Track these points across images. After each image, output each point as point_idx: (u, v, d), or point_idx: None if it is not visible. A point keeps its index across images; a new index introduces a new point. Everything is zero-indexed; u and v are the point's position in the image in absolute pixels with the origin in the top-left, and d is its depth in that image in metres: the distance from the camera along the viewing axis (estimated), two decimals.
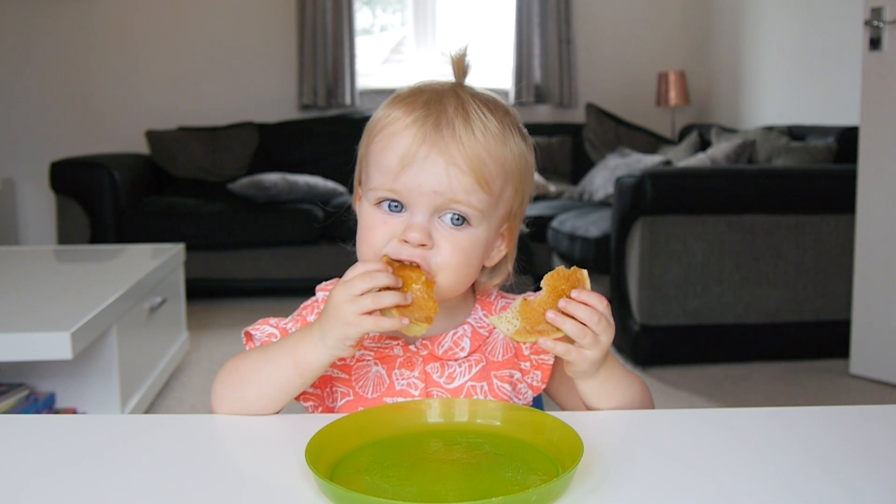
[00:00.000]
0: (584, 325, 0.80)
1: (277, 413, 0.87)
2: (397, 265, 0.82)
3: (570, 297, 0.80)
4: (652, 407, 0.91)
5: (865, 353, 2.90)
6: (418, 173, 0.82)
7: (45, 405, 2.09)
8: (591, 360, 0.82)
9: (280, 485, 0.69)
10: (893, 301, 2.81)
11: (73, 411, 2.13)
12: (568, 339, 0.81)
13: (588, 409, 0.91)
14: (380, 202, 0.85)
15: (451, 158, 0.82)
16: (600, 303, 0.81)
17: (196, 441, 0.81)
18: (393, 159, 0.83)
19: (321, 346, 0.82)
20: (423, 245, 0.83)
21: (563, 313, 0.80)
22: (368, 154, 0.88)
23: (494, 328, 0.93)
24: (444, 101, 0.85)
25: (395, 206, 0.85)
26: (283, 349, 0.85)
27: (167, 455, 0.77)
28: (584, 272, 0.82)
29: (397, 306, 0.79)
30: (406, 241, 0.83)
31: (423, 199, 0.83)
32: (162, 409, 2.58)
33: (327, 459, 0.71)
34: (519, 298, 0.82)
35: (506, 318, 0.81)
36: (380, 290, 0.80)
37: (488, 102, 0.87)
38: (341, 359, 0.91)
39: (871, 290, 2.87)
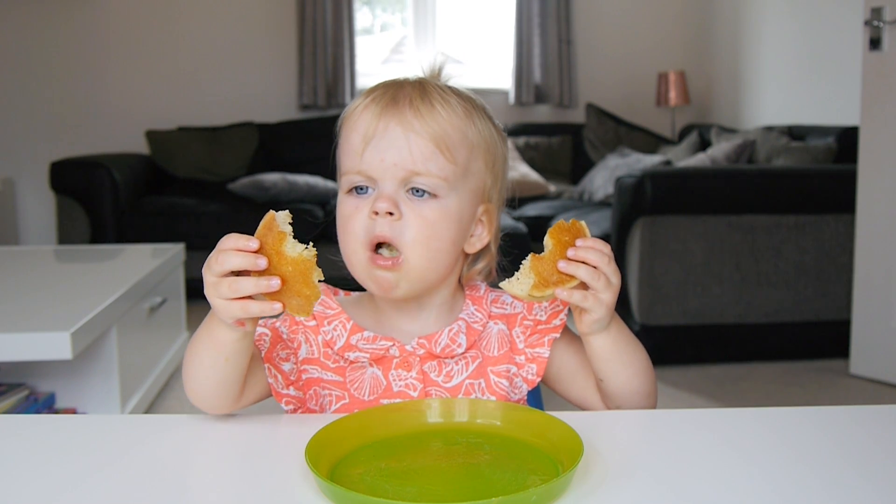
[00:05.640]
0: (596, 267, 0.82)
1: (236, 406, 0.86)
2: (271, 248, 0.75)
3: (576, 246, 0.82)
4: (654, 378, 0.92)
5: (865, 353, 2.90)
6: (378, 146, 0.85)
7: (45, 405, 2.09)
8: (606, 303, 0.83)
9: (280, 485, 0.69)
10: (893, 301, 2.81)
11: (73, 411, 2.13)
12: (580, 289, 0.83)
13: (602, 381, 0.90)
14: (351, 189, 0.87)
15: (410, 126, 0.85)
16: (605, 246, 0.83)
17: (196, 441, 0.81)
18: (356, 139, 0.86)
19: (224, 323, 0.80)
20: (391, 214, 0.84)
21: (573, 260, 0.82)
22: (339, 146, 0.91)
23: (487, 322, 0.93)
24: (401, 83, 0.89)
25: (363, 190, 0.87)
26: (204, 329, 0.83)
27: (167, 455, 0.77)
28: (583, 223, 0.84)
29: (261, 293, 0.75)
30: (376, 213, 0.84)
31: (388, 173, 0.85)
32: (162, 409, 2.58)
33: (327, 459, 0.71)
34: (528, 257, 0.83)
35: (517, 279, 0.82)
36: (242, 271, 0.76)
37: (453, 88, 0.90)
38: (335, 360, 0.90)
39: (871, 290, 2.87)
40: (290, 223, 0.76)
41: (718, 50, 5.10)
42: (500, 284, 0.84)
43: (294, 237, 0.76)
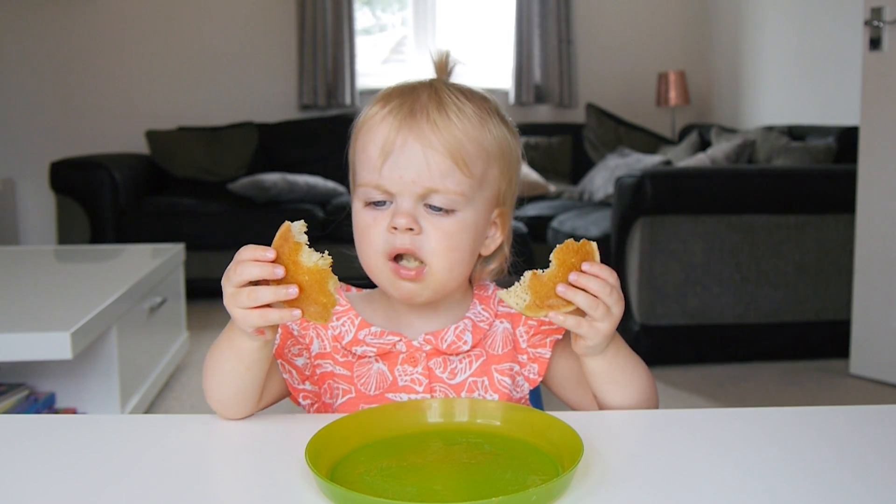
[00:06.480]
0: (596, 297, 0.80)
1: (255, 410, 0.88)
2: (289, 258, 0.76)
3: (581, 270, 0.80)
4: (656, 394, 0.92)
5: (865, 353, 2.90)
6: (398, 162, 0.84)
7: (45, 405, 2.09)
8: (602, 332, 0.82)
9: (280, 485, 0.69)
10: (893, 301, 2.81)
11: (73, 411, 2.13)
12: (578, 313, 0.81)
13: (597, 397, 0.91)
14: (368, 202, 0.87)
15: (428, 142, 0.84)
16: (611, 275, 0.81)
17: (196, 441, 0.81)
18: (374, 152, 0.86)
19: (245, 332, 0.81)
20: (411, 230, 0.84)
21: (574, 286, 0.80)
22: (355, 154, 0.91)
23: (494, 321, 0.93)
24: (417, 91, 0.88)
25: (382, 204, 0.86)
26: (225, 338, 0.85)
27: (167, 455, 0.77)
28: (594, 244, 0.82)
29: (280, 300, 0.76)
30: (395, 229, 0.84)
31: (406, 189, 0.84)
32: (162, 409, 2.58)
33: (327, 459, 0.71)
34: (528, 273, 0.81)
35: (514, 292, 0.81)
36: (260, 281, 0.77)
37: (465, 90, 0.90)
38: (344, 355, 0.91)
39: (871, 290, 2.87)
40: (304, 232, 0.77)
41: (718, 50, 5.10)
42: (499, 293, 0.83)
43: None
